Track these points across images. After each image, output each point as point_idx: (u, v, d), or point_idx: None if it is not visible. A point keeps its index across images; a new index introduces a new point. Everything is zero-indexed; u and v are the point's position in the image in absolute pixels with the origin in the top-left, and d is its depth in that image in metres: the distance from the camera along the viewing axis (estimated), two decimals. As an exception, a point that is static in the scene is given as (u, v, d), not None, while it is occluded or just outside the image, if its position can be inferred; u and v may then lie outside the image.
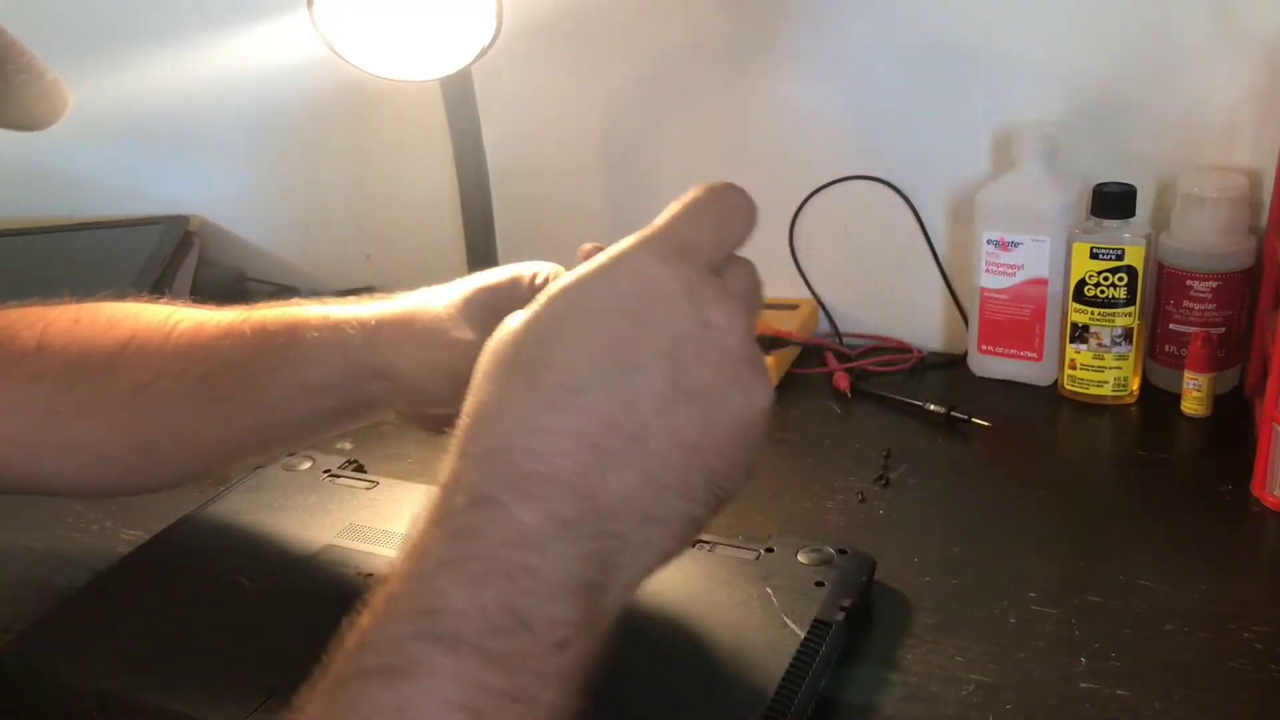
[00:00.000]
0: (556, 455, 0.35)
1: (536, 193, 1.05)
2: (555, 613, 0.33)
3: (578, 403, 0.35)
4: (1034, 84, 0.86)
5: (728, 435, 0.37)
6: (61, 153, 1.24)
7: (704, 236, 0.39)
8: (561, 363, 0.36)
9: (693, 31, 0.95)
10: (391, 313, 0.58)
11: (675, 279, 0.37)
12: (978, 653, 0.56)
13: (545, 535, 0.33)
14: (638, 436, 0.35)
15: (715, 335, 0.37)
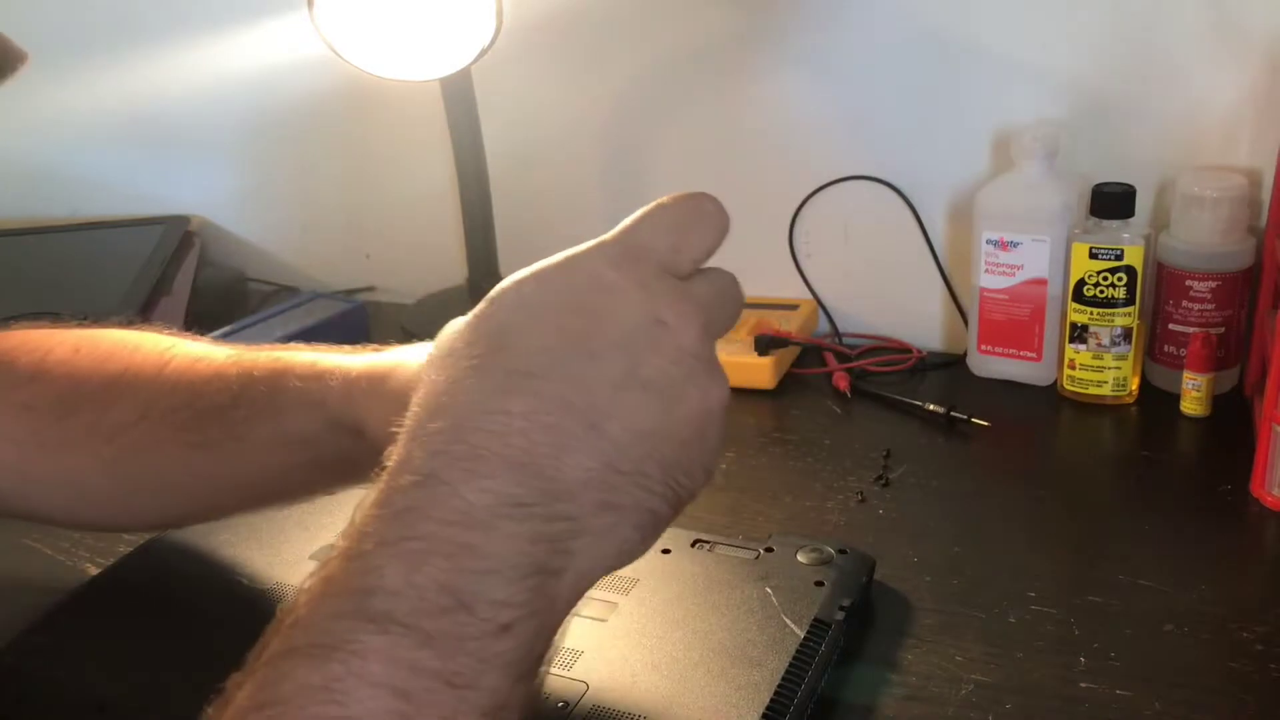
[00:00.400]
0: (509, 435, 0.34)
1: (536, 192, 1.05)
2: (498, 594, 0.32)
3: (531, 385, 0.35)
4: (1034, 84, 0.86)
5: (684, 428, 0.38)
6: (61, 153, 1.24)
7: (659, 240, 0.39)
8: (515, 348, 0.36)
9: (693, 31, 0.95)
10: (371, 367, 0.54)
11: (626, 279, 0.38)
12: (978, 653, 0.56)
13: (492, 514, 0.33)
14: (593, 422, 0.36)
15: (668, 333, 0.37)
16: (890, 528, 0.68)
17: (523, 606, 0.33)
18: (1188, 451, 0.77)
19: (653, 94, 0.98)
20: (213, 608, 0.58)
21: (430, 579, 0.32)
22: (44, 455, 0.56)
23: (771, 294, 0.99)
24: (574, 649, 0.53)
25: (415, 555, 0.32)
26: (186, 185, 1.20)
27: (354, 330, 1.02)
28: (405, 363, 0.53)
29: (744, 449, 0.78)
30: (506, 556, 0.33)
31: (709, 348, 0.38)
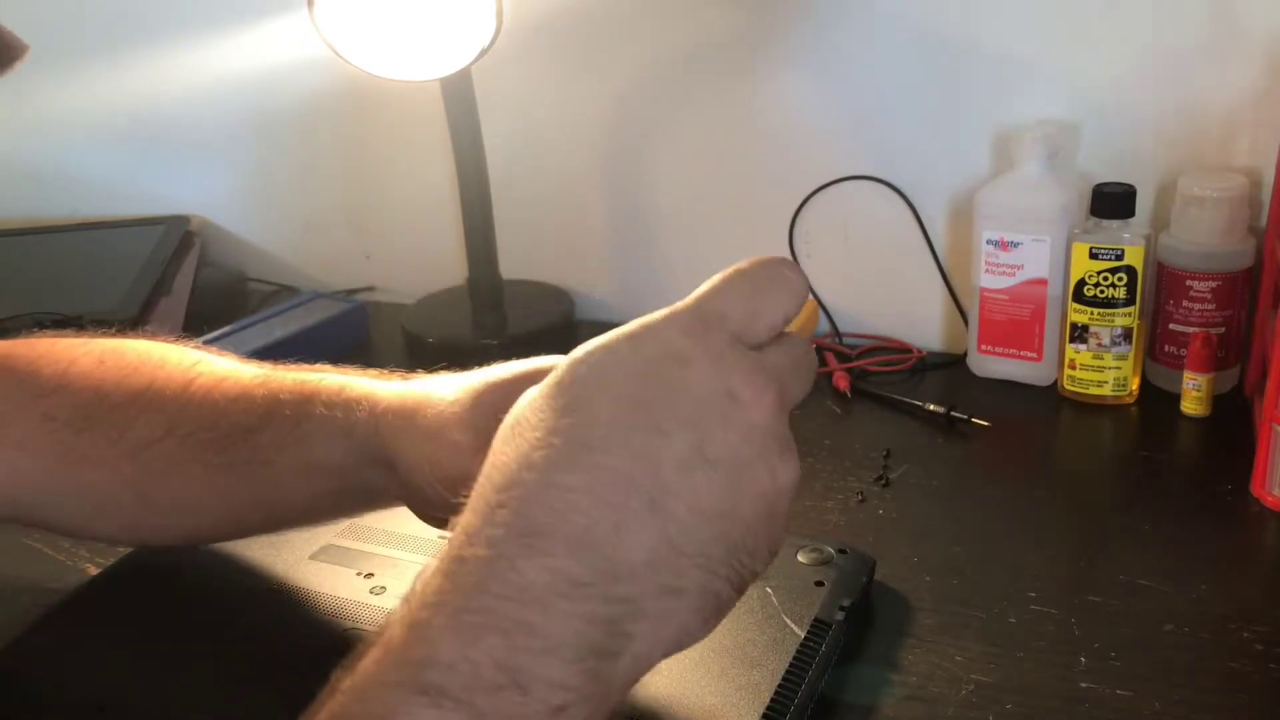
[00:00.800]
0: (570, 512, 0.34)
1: (536, 193, 1.05)
2: (554, 675, 0.32)
3: (594, 459, 0.34)
4: (1034, 84, 0.86)
5: (751, 509, 0.36)
6: (61, 153, 1.24)
7: (735, 308, 0.38)
8: (580, 421, 0.35)
9: (693, 31, 0.95)
10: (401, 398, 0.53)
11: (699, 348, 0.36)
12: (978, 653, 0.56)
13: (550, 592, 0.32)
14: (657, 501, 0.34)
15: (740, 408, 0.36)
16: (890, 528, 0.68)
17: (577, 690, 0.32)
18: (1188, 451, 0.77)
19: (653, 94, 0.98)
20: (213, 608, 0.58)
21: (486, 655, 0.31)
22: (64, 468, 0.56)
23: (771, 294, 0.99)
24: (574, 649, 0.53)
25: (472, 629, 0.31)
26: (186, 185, 1.20)
27: (354, 330, 1.02)
28: (434, 396, 0.52)
29: (744, 449, 0.78)
30: (563, 636, 0.32)
31: (782, 423, 0.37)
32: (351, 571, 0.60)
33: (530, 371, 0.51)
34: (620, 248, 1.05)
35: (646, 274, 1.04)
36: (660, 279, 1.04)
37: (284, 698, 0.52)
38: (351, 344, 1.02)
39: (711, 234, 1.00)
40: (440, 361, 0.96)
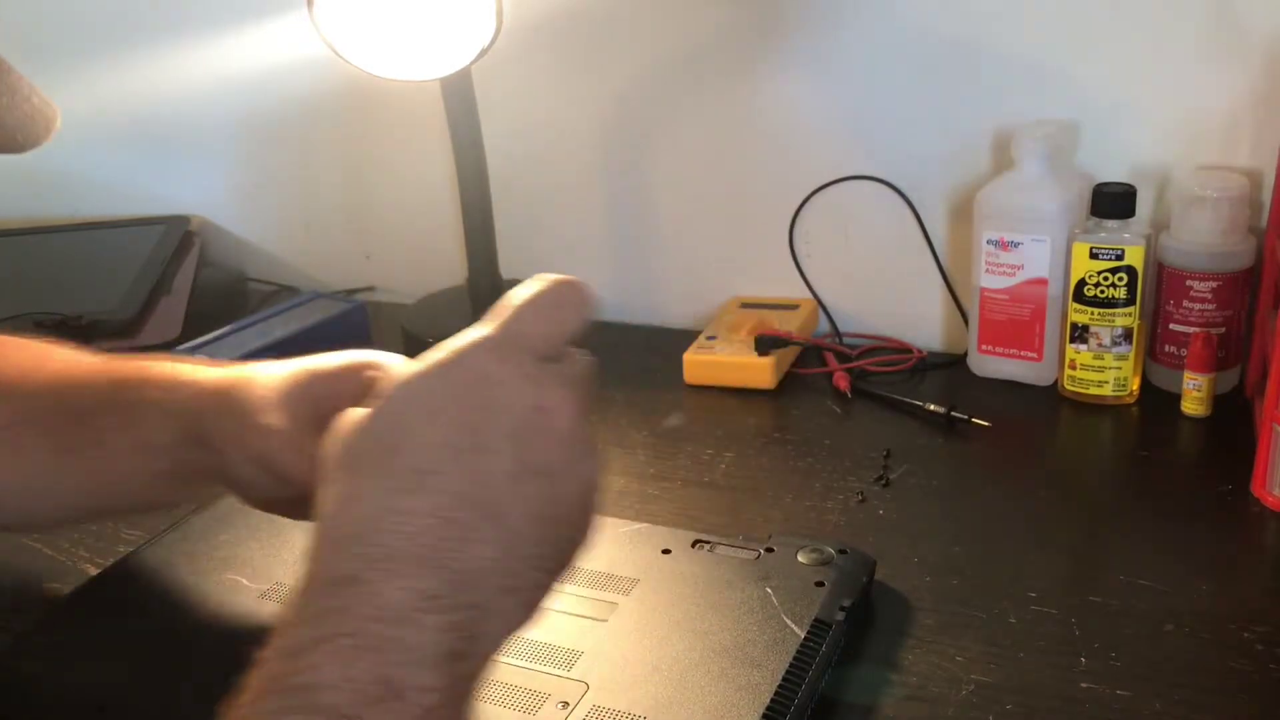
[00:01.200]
0: (417, 534, 0.37)
1: (536, 193, 1.05)
2: (424, 681, 0.35)
3: (432, 483, 0.38)
4: (1034, 84, 0.86)
5: (570, 507, 0.40)
6: (62, 153, 1.23)
7: (535, 328, 0.42)
8: (413, 448, 0.38)
9: (692, 31, 0.95)
10: (222, 380, 0.56)
11: (509, 370, 0.41)
12: (978, 653, 0.56)
13: (410, 609, 0.35)
14: (493, 513, 0.38)
15: (551, 418, 0.40)
16: (890, 528, 0.68)
17: (444, 690, 0.35)
18: (1188, 451, 0.77)
19: (653, 94, 0.98)
20: (213, 608, 0.58)
21: (365, 672, 0.34)
22: None
23: (771, 294, 0.99)
24: (574, 649, 0.53)
25: (349, 651, 0.34)
26: (186, 185, 1.20)
27: (354, 330, 1.02)
28: (254, 379, 0.54)
29: (744, 449, 0.78)
30: (427, 646, 0.35)
31: (584, 425, 0.41)
32: (351, 571, 0.60)
33: (348, 365, 0.55)
34: (620, 248, 1.05)
35: (646, 274, 1.04)
36: (660, 279, 1.04)
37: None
38: (351, 344, 1.01)
39: (711, 234, 1.00)
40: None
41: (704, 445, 0.79)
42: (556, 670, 0.51)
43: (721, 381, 0.88)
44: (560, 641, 0.53)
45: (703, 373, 0.89)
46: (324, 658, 0.34)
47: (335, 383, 0.54)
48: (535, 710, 0.49)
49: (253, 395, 0.54)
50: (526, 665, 0.52)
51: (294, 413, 0.53)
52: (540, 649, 0.53)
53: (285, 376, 0.55)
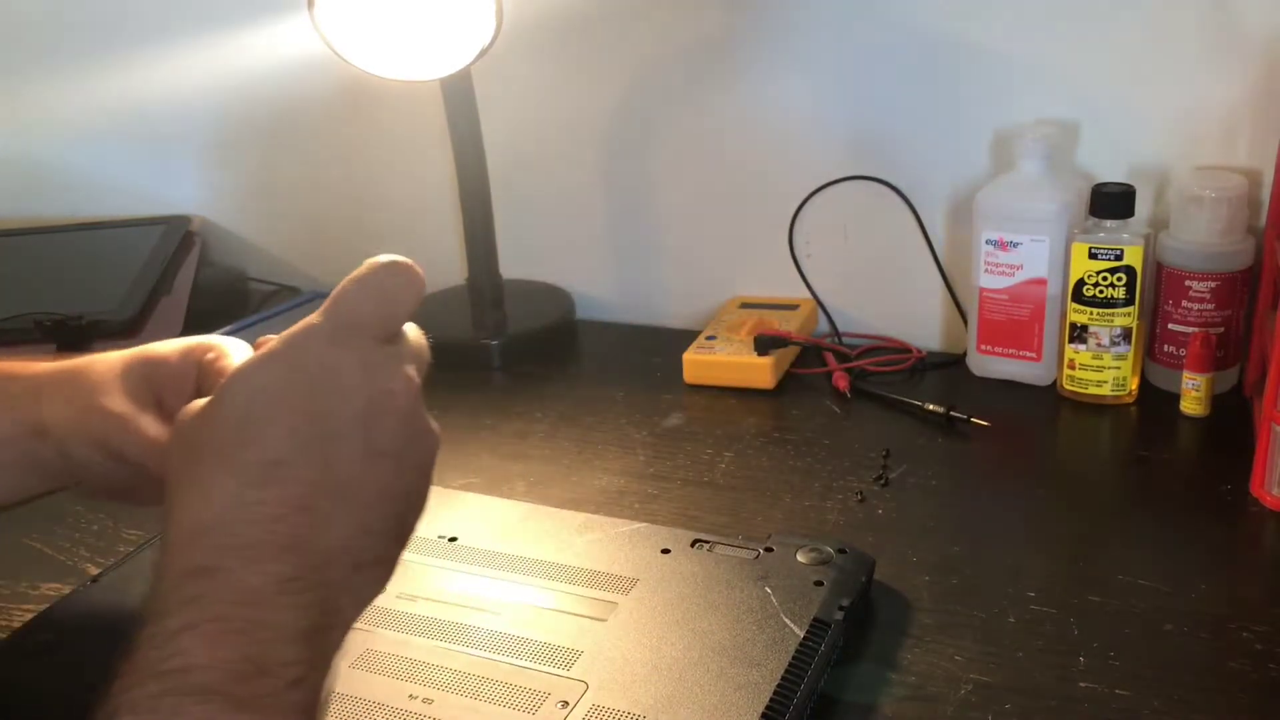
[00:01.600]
0: (272, 522, 0.38)
1: (536, 193, 1.05)
2: (287, 656, 0.37)
3: (283, 474, 0.39)
4: (1034, 84, 0.86)
5: (415, 481, 0.43)
6: (62, 153, 1.24)
7: (368, 312, 0.43)
8: (261, 441, 0.40)
9: (693, 32, 0.95)
10: (60, 369, 0.56)
11: (347, 355, 0.42)
12: (977, 652, 0.56)
13: (271, 592, 0.37)
14: (344, 496, 0.40)
15: (393, 399, 0.42)
16: (890, 527, 0.68)
17: (307, 663, 0.37)
18: (1187, 451, 0.77)
19: (653, 94, 0.98)
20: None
21: (232, 652, 0.36)
22: None
23: (771, 294, 0.99)
24: (574, 649, 0.53)
25: (216, 635, 0.36)
26: (187, 185, 1.20)
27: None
28: (92, 366, 0.55)
29: (744, 449, 0.79)
30: (288, 625, 0.37)
31: (421, 400, 0.43)
32: (351, 571, 0.60)
33: (186, 349, 0.55)
34: (620, 248, 1.05)
35: (646, 274, 1.04)
36: (660, 279, 1.04)
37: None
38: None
39: (711, 234, 1.00)
40: (441, 361, 0.97)
41: (704, 445, 0.79)
42: (556, 670, 0.52)
43: (721, 381, 0.88)
44: (560, 641, 0.54)
45: (702, 373, 0.89)
46: (193, 642, 0.36)
47: (173, 366, 0.55)
48: (535, 710, 0.49)
49: (90, 380, 0.54)
50: (526, 665, 0.52)
51: (133, 396, 0.54)
52: (540, 648, 0.53)
53: (122, 361, 0.56)
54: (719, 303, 1.00)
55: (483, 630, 0.55)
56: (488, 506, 0.67)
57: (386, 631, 0.55)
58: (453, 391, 0.91)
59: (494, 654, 0.53)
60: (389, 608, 0.57)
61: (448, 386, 0.92)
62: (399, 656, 0.53)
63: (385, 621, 0.56)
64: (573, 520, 0.64)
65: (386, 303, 0.44)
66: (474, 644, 0.54)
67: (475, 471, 0.77)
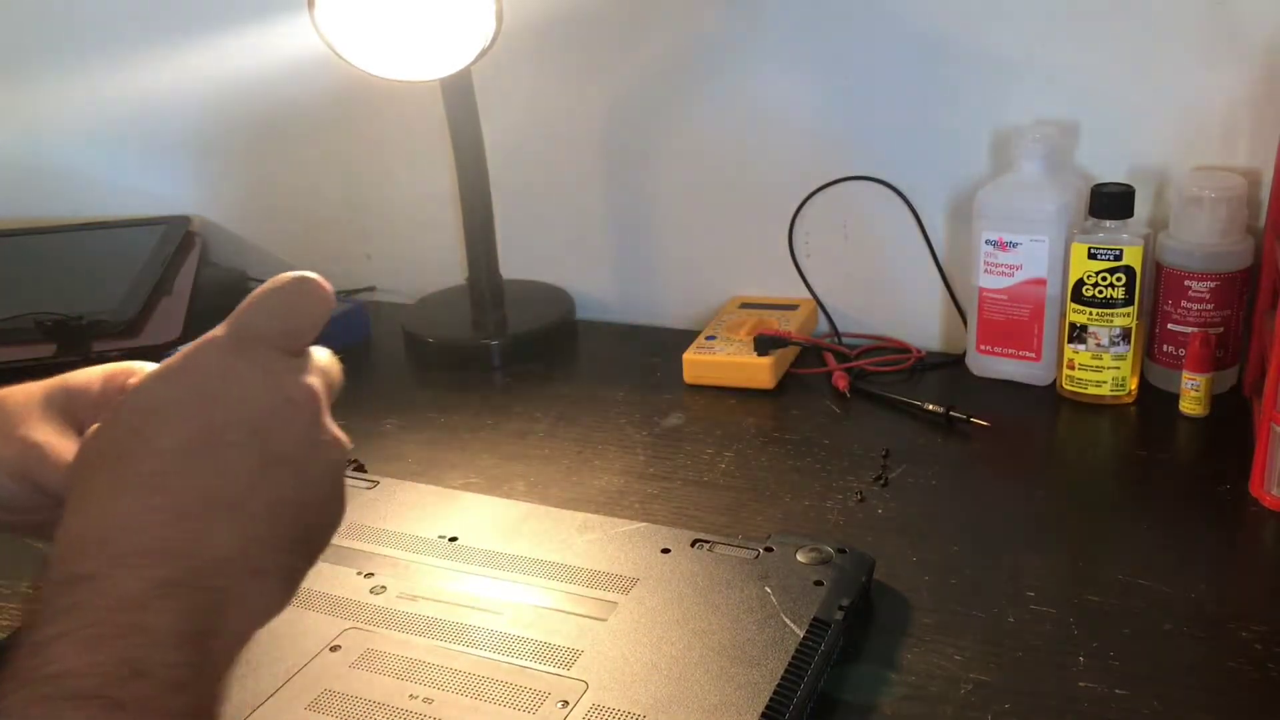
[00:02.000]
0: (157, 528, 0.39)
1: (536, 193, 1.05)
2: (168, 659, 0.36)
3: (170, 482, 0.39)
4: (1034, 84, 0.86)
5: (318, 492, 0.42)
6: (63, 153, 1.24)
7: (272, 325, 0.44)
8: (150, 450, 0.40)
9: (693, 32, 0.95)
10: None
11: (247, 364, 0.42)
12: (976, 652, 0.56)
13: (150, 596, 0.37)
14: (236, 504, 0.40)
15: (295, 409, 0.42)
16: (889, 527, 0.68)
17: (190, 666, 0.37)
18: (1187, 451, 0.77)
19: (653, 94, 0.98)
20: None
21: (109, 656, 0.36)
22: None
23: (771, 294, 0.99)
24: (574, 648, 0.53)
25: (92, 640, 0.36)
26: (188, 185, 1.20)
27: (355, 330, 1.03)
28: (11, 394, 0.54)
29: (744, 449, 0.79)
30: (169, 629, 0.37)
31: (328, 414, 0.43)
32: (351, 571, 0.60)
33: (107, 375, 0.55)
34: (620, 248, 1.05)
35: (646, 274, 1.05)
36: (660, 279, 1.04)
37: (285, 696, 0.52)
38: (352, 344, 1.02)
39: (711, 234, 1.00)
40: (441, 361, 0.97)
41: (703, 445, 0.79)
42: (556, 669, 0.52)
43: (721, 381, 0.88)
44: (560, 640, 0.54)
45: (702, 373, 0.89)
46: (69, 648, 0.36)
47: (94, 395, 0.55)
48: (535, 709, 0.49)
49: (7, 410, 0.54)
50: (526, 664, 0.52)
51: (53, 425, 0.53)
52: (540, 648, 0.53)
53: (42, 390, 0.55)
54: (719, 303, 1.00)
55: (483, 630, 0.55)
56: (488, 506, 0.67)
57: (387, 631, 0.55)
58: (453, 391, 0.91)
59: (494, 654, 0.53)
60: (389, 607, 0.57)
61: (448, 386, 0.92)
62: (399, 656, 0.53)
63: (385, 621, 0.56)
64: (573, 520, 0.64)
65: (289, 316, 0.45)
66: (474, 644, 0.54)
67: (475, 471, 0.77)
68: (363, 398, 0.90)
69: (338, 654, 0.54)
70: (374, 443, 0.82)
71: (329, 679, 0.52)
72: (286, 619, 0.56)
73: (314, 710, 0.50)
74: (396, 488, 0.69)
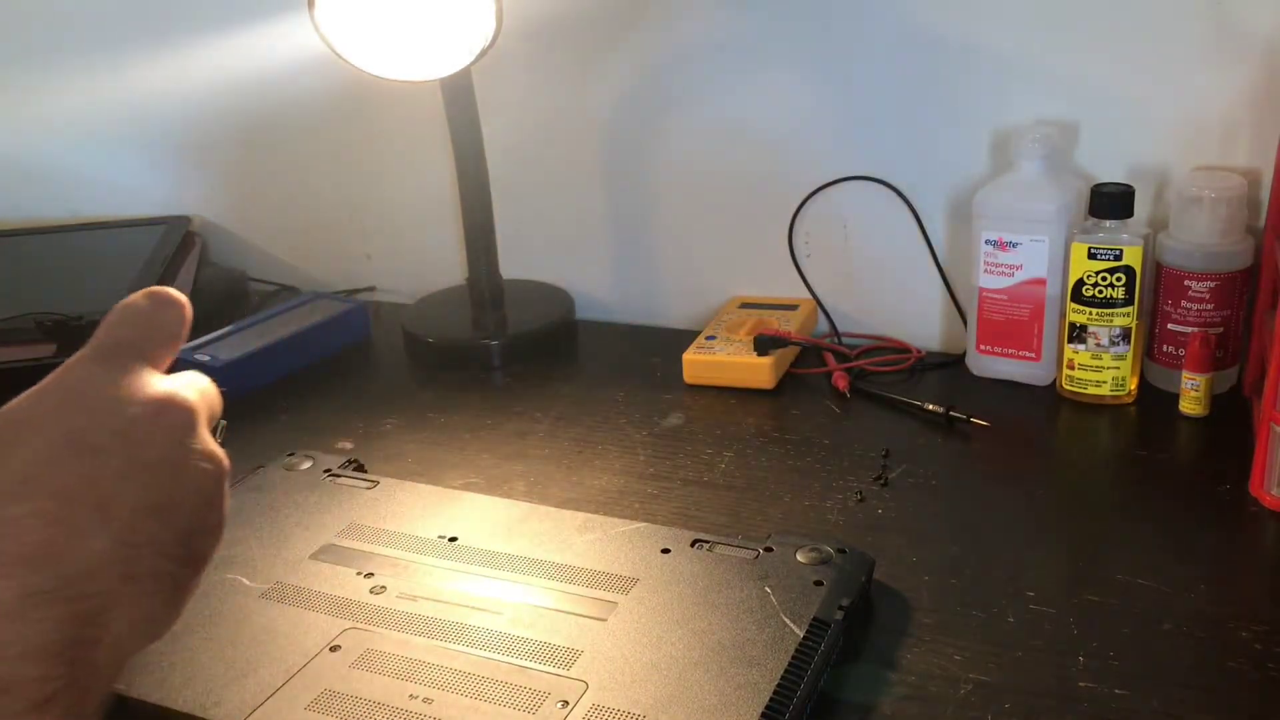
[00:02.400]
0: (22, 535, 0.38)
1: (536, 193, 1.05)
2: (33, 673, 0.36)
3: (33, 489, 0.39)
4: (1034, 84, 0.86)
5: (192, 497, 0.42)
6: (63, 153, 1.24)
7: (132, 335, 0.45)
8: (13, 461, 0.40)
9: (692, 31, 0.95)
10: None
11: (112, 373, 0.43)
12: (976, 652, 0.56)
13: (16, 605, 0.37)
14: (102, 507, 0.40)
15: (163, 414, 0.42)
16: (889, 527, 0.68)
17: (61, 679, 0.36)
18: (1186, 451, 0.77)
19: (653, 94, 0.98)
20: (214, 607, 0.58)
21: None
22: None
23: (771, 294, 0.99)
24: (574, 648, 0.53)
25: None
26: (188, 185, 1.20)
27: (355, 330, 1.03)
28: None
29: (743, 449, 0.79)
30: (37, 639, 0.36)
31: (203, 425, 0.44)
32: (351, 571, 0.61)
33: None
34: (620, 247, 1.05)
35: (646, 274, 1.05)
36: (660, 279, 1.04)
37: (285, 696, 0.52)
38: (352, 344, 1.02)
39: (711, 234, 1.00)
40: (441, 361, 0.97)
41: (703, 445, 0.79)
42: (556, 669, 0.52)
43: (721, 381, 0.88)
44: (560, 640, 0.54)
45: (702, 373, 0.89)
46: None
47: None
48: (535, 709, 0.49)
49: None
50: (526, 664, 0.52)
51: None
52: (540, 648, 0.53)
53: None
54: (719, 303, 1.00)
55: (483, 630, 0.55)
56: (488, 506, 0.67)
57: (387, 631, 0.55)
58: (453, 391, 0.91)
59: (494, 653, 0.53)
60: (389, 607, 0.57)
61: (448, 386, 0.92)
62: (399, 656, 0.53)
63: (385, 621, 0.56)
64: (573, 520, 0.64)
65: (146, 326, 0.45)
66: (474, 643, 0.54)
67: (475, 471, 0.77)
68: (363, 398, 0.90)
69: (338, 654, 0.54)
70: (374, 443, 0.82)
71: (329, 679, 0.52)
72: (287, 619, 0.57)
73: (314, 710, 0.50)
74: (396, 488, 0.69)
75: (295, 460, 0.73)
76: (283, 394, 0.91)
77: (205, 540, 0.44)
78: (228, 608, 0.58)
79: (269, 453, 0.75)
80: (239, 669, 0.53)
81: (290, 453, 0.74)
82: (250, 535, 0.64)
